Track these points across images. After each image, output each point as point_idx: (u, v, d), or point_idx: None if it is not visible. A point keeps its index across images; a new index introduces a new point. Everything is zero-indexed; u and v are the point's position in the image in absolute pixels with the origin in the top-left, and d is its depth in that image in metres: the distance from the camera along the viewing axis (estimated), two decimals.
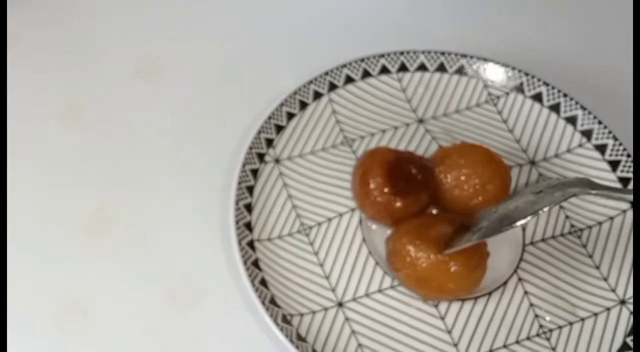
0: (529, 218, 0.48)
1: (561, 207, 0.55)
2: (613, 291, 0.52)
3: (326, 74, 0.60)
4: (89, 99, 0.64)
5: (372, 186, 0.53)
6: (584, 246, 0.54)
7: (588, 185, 0.50)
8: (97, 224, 0.57)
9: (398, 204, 0.52)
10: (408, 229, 0.51)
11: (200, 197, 0.58)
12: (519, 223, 0.47)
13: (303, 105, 0.59)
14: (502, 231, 0.48)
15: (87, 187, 0.59)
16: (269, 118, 0.57)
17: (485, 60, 0.61)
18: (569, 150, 0.58)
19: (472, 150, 0.55)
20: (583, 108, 0.59)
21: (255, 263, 0.51)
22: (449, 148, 0.56)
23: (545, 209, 0.48)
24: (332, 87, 0.60)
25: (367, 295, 0.51)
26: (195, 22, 0.69)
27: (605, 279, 0.52)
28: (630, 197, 0.51)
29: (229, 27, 0.69)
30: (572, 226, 0.55)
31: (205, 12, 0.70)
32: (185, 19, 0.69)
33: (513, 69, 0.61)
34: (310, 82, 0.59)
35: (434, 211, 0.55)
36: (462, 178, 0.53)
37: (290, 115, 0.58)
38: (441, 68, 0.62)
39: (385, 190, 0.52)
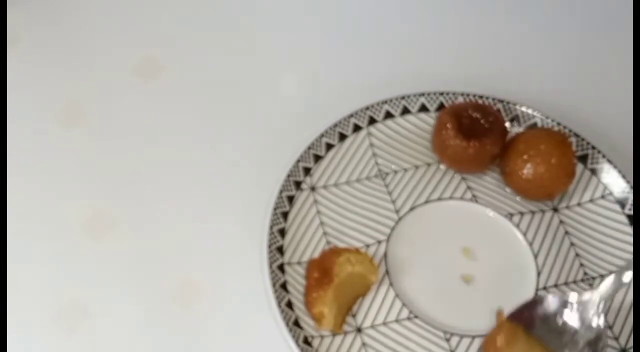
0: None
1: (577, 254, 0.58)
2: (616, 339, 0.54)
3: (367, 108, 0.63)
4: (89, 98, 0.65)
5: (445, 134, 0.59)
6: None
7: None
8: (98, 224, 0.58)
9: (470, 150, 0.59)
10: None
11: (200, 196, 0.60)
12: None
13: (342, 137, 0.62)
14: None
15: (87, 186, 0.60)
16: (309, 148, 0.60)
17: (522, 105, 0.63)
18: (591, 201, 0.61)
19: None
20: (609, 161, 0.60)
21: (284, 285, 0.55)
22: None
23: None
24: (372, 121, 0.63)
25: (384, 323, 0.55)
26: (195, 22, 0.70)
27: (610, 328, 0.55)
28: None
29: (230, 25, 0.70)
30: (585, 273, 0.57)
31: (205, 11, 0.71)
32: (185, 19, 0.71)
33: (547, 117, 0.62)
34: (351, 115, 0.62)
35: None
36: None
37: (329, 146, 0.61)
38: None
39: (457, 137, 0.59)
